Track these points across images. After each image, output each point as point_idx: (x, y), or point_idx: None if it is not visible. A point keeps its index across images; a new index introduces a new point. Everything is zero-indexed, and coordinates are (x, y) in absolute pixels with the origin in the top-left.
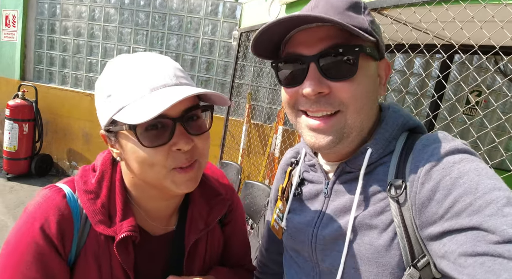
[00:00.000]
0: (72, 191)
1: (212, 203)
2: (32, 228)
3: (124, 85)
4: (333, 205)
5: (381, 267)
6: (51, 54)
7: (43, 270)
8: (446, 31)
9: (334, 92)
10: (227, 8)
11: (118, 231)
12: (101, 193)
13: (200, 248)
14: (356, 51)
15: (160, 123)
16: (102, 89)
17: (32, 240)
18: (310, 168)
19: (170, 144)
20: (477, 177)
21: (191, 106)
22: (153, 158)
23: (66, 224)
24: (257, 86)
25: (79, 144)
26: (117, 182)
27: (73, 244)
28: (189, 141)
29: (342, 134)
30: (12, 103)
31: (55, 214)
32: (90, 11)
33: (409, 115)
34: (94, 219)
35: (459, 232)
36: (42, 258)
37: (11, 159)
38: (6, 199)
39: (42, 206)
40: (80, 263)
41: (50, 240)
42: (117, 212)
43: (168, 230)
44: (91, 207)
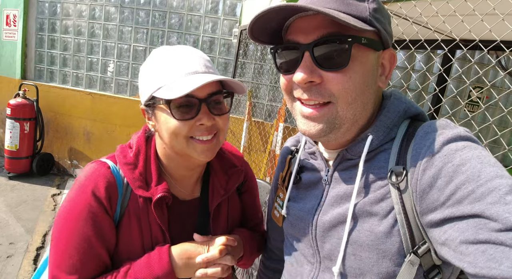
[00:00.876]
0: (114, 164)
1: (230, 173)
2: (85, 193)
3: (164, 69)
4: (333, 192)
5: (381, 254)
6: (52, 53)
7: (95, 226)
8: (447, 24)
9: (326, 82)
10: (227, 6)
11: (155, 193)
12: (138, 164)
13: (223, 211)
14: (349, 42)
15: (190, 102)
16: (145, 72)
17: (86, 202)
18: (310, 156)
19: (196, 119)
20: (479, 164)
21: (215, 91)
22: (180, 129)
23: (112, 189)
24: (258, 84)
25: (80, 143)
26: (151, 155)
27: (118, 206)
28: (211, 118)
29: (333, 125)
30: (13, 102)
31: (103, 181)
32: (90, 10)
33: (411, 103)
34: (135, 185)
35: (460, 219)
36: (94, 216)
37: (13, 158)
38: (7, 198)
39: (91, 175)
40: (124, 221)
41: (100, 202)
42: (153, 178)
43: (194, 197)
44: (131, 175)
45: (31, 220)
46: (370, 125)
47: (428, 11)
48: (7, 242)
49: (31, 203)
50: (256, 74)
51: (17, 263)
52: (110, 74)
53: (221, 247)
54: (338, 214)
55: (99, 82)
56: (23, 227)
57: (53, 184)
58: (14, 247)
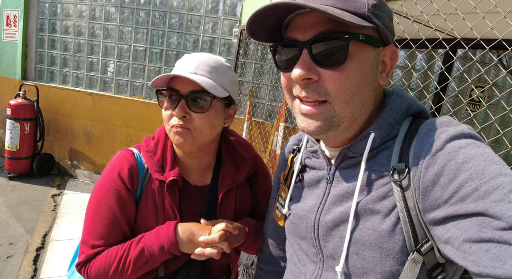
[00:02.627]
0: (138, 151)
1: (239, 165)
2: (112, 173)
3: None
4: (336, 191)
5: (384, 252)
6: (52, 53)
7: (119, 201)
8: (448, 23)
9: (323, 80)
10: (227, 6)
11: (168, 176)
12: (157, 152)
13: (230, 198)
14: (346, 38)
15: (174, 96)
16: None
17: (112, 181)
18: (312, 154)
19: (172, 111)
20: (483, 162)
21: (197, 90)
22: (165, 117)
23: (134, 171)
24: (258, 84)
25: (81, 143)
26: (168, 145)
27: (139, 186)
28: (182, 111)
29: (331, 122)
30: (14, 102)
31: (127, 164)
32: (90, 10)
33: (413, 100)
34: (152, 169)
35: (463, 217)
36: (119, 193)
37: (13, 158)
38: (8, 198)
39: (118, 159)
40: (143, 200)
41: (123, 181)
42: (168, 164)
43: (205, 183)
44: (150, 161)
45: (31, 220)
46: (371, 123)
47: (429, 9)
48: (7, 242)
49: (31, 203)
50: (256, 74)
51: (17, 263)
52: (110, 74)
53: (221, 232)
54: (340, 213)
55: (99, 82)
56: (23, 228)
57: (53, 184)
58: (14, 247)
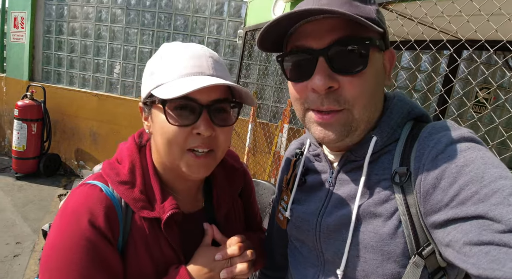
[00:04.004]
0: (105, 185)
1: (231, 177)
2: (80, 225)
3: (168, 65)
4: (338, 194)
5: (386, 255)
6: (59, 55)
7: (98, 263)
8: (453, 24)
9: (343, 87)
10: (232, 7)
11: (162, 212)
12: (136, 181)
13: (230, 219)
14: (366, 44)
15: (189, 106)
16: (149, 66)
17: (83, 237)
18: (314, 158)
19: (193, 127)
20: (483, 165)
21: (221, 99)
22: (175, 136)
23: (111, 214)
24: (263, 85)
25: (87, 144)
26: (149, 168)
27: (120, 232)
28: (210, 128)
29: (350, 128)
30: (21, 103)
31: (100, 206)
32: (97, 12)
33: (415, 104)
34: (137, 206)
35: (464, 220)
36: (96, 251)
37: (20, 158)
38: (15, 198)
39: (83, 202)
40: (130, 249)
41: (100, 232)
42: (156, 195)
43: (198, 207)
44: (130, 195)
45: (38, 220)
46: (374, 127)
47: (434, 11)
48: (14, 241)
49: (38, 203)
50: (261, 75)
51: (23, 262)
52: (116, 75)
53: (239, 244)
54: (342, 216)
55: (105, 83)
56: (30, 227)
57: (60, 184)
58: (21, 246)
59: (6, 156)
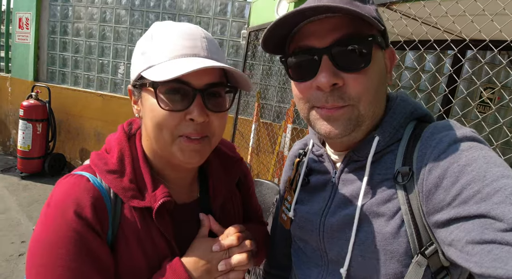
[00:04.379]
0: (93, 175)
1: (229, 168)
2: (66, 216)
3: (159, 46)
4: (341, 194)
5: (389, 255)
6: (64, 55)
7: (87, 257)
8: (457, 25)
9: (347, 84)
10: (235, 8)
11: (153, 201)
12: (125, 170)
13: (228, 210)
14: (369, 41)
15: (182, 90)
16: (139, 46)
17: (70, 229)
18: (317, 158)
19: (186, 112)
20: (485, 164)
21: (216, 83)
22: (166, 121)
23: (99, 205)
24: (266, 85)
25: (91, 143)
26: (139, 156)
27: (109, 224)
28: (204, 114)
29: (356, 122)
30: (26, 103)
31: (86, 197)
32: (101, 13)
33: (418, 104)
34: (126, 195)
35: (466, 219)
36: (84, 244)
37: (25, 158)
38: (20, 197)
39: (69, 192)
40: (121, 242)
41: (87, 223)
42: (147, 184)
43: (193, 198)
44: (119, 184)
45: None
46: (377, 126)
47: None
48: (19, 240)
49: (42, 203)
50: (264, 75)
51: None
52: (121, 76)
53: (237, 234)
54: (345, 215)
55: (109, 84)
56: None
57: None
58: (26, 245)
59: (11, 155)
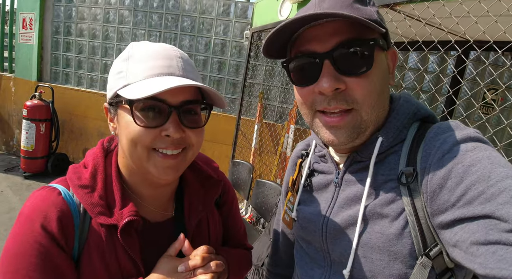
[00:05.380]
0: (66, 189)
1: (206, 186)
2: (32, 228)
3: (135, 65)
4: (344, 195)
5: (393, 256)
6: (67, 56)
7: (50, 270)
8: (461, 26)
9: (350, 88)
10: (238, 8)
11: (120, 219)
12: (96, 186)
13: (203, 230)
14: (371, 45)
15: (157, 107)
16: (115, 66)
17: (34, 241)
18: (320, 159)
19: (161, 129)
20: (490, 165)
21: (191, 100)
22: (141, 137)
23: (66, 220)
24: (269, 86)
25: (94, 143)
26: (113, 173)
27: (75, 239)
28: (180, 130)
29: (359, 129)
30: (30, 103)
31: (54, 211)
32: (104, 14)
33: (421, 105)
34: (94, 211)
35: (471, 220)
36: (48, 257)
37: (28, 158)
38: (23, 197)
39: (38, 205)
40: (85, 258)
41: (52, 237)
42: (116, 201)
43: (167, 216)
44: (88, 199)
45: None
46: (380, 127)
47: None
48: None
49: None
50: (267, 76)
51: None
52: None
53: (203, 255)
54: (348, 216)
55: None
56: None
57: None
58: None
59: (14, 155)
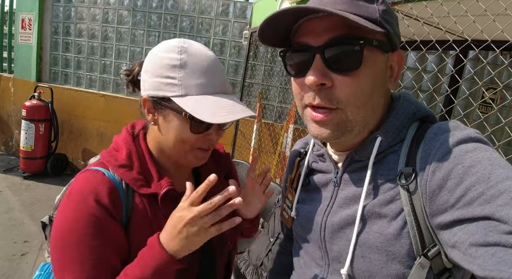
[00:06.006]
0: (106, 170)
1: (218, 161)
2: (87, 204)
3: (191, 77)
4: (343, 194)
5: (391, 256)
6: (66, 56)
7: (105, 237)
8: (459, 25)
9: (336, 86)
10: (237, 8)
11: (159, 189)
12: (133, 164)
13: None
14: (360, 44)
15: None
16: (164, 67)
17: (89, 213)
18: (319, 158)
19: (206, 134)
20: (490, 166)
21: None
22: (191, 140)
23: (114, 194)
24: (268, 86)
25: (94, 144)
26: (146, 153)
27: (123, 210)
28: (218, 135)
29: (344, 128)
30: (29, 104)
31: (103, 187)
32: (103, 14)
33: (420, 104)
34: (136, 185)
35: (470, 221)
36: (103, 226)
37: (27, 158)
38: (22, 197)
39: (88, 184)
40: (132, 225)
41: (106, 209)
42: (153, 175)
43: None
44: (129, 176)
45: None
46: (379, 127)
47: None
48: (22, 240)
49: (45, 202)
50: (266, 76)
51: (31, 260)
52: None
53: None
54: (347, 216)
55: (112, 84)
56: (37, 226)
57: (67, 184)
58: (29, 245)
59: (13, 155)
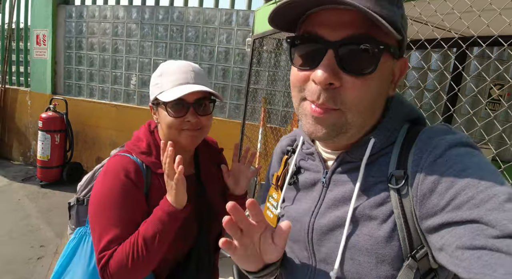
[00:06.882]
0: (131, 155)
1: (211, 152)
2: (119, 178)
3: (166, 79)
4: (332, 195)
5: (380, 258)
6: (79, 69)
7: (133, 201)
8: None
9: (344, 87)
10: (240, 17)
11: None
12: (152, 152)
13: (213, 180)
14: (380, 49)
15: (181, 104)
16: (153, 79)
17: (122, 184)
18: (307, 156)
19: (184, 117)
20: (480, 171)
21: (201, 97)
22: (173, 123)
23: (138, 171)
24: (272, 91)
25: (107, 152)
26: (159, 144)
27: (145, 184)
28: (195, 117)
29: (340, 129)
30: (45, 115)
31: (131, 166)
32: (113, 28)
33: (413, 106)
34: (155, 167)
35: (458, 224)
36: (131, 195)
37: (44, 167)
38: (39, 204)
39: (119, 164)
40: (151, 195)
41: (133, 182)
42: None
43: (191, 172)
44: (149, 160)
45: (61, 225)
46: (373, 129)
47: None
48: (38, 244)
49: (61, 209)
50: (270, 81)
51: (46, 264)
52: (133, 87)
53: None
54: (336, 217)
55: (123, 94)
56: (53, 231)
57: None
58: (45, 249)
59: (31, 165)
